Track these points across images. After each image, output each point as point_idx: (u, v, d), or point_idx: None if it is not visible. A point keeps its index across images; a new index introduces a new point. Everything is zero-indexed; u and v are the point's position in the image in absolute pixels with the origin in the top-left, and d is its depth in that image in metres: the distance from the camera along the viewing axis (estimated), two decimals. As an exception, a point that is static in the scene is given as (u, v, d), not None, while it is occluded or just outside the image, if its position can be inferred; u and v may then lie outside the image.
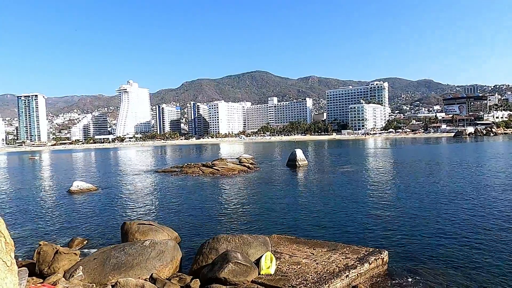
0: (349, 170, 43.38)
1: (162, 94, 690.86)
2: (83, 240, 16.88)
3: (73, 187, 34.24)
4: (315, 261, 11.96)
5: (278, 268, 11.45)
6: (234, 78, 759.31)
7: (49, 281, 10.40)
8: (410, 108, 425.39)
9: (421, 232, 16.41)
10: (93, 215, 23.50)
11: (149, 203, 27.38)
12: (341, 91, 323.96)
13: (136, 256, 11.87)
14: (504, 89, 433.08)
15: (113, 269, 11.37)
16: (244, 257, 11.34)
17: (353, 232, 16.98)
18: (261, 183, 35.42)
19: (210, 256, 12.20)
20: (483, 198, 23.41)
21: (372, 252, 12.44)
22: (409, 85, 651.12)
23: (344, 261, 11.80)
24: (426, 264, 12.69)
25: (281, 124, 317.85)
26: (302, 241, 14.36)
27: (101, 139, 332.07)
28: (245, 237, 12.96)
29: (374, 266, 11.86)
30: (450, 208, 20.80)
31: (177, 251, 12.90)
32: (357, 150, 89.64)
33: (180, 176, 43.93)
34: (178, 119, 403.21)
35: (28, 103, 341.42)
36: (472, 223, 17.52)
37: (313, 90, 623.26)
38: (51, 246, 12.03)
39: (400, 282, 11.33)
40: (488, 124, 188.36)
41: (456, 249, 14.02)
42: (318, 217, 20.09)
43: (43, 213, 24.96)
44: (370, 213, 20.57)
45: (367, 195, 26.37)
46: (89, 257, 12.21)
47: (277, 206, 23.86)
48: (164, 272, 11.86)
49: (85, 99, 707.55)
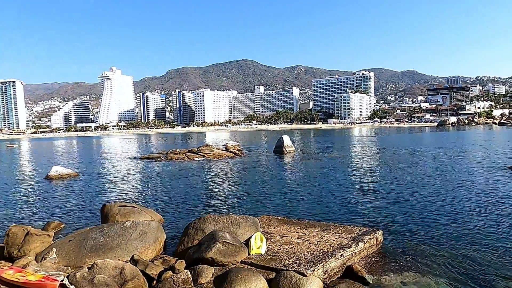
0: (337, 155, 43.16)
1: (146, 82, 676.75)
2: (59, 224, 15.80)
3: (52, 172, 32.59)
4: (307, 241, 11.37)
5: (269, 248, 10.80)
6: (220, 66, 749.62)
7: (18, 264, 9.45)
8: (394, 99, 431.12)
9: (413, 212, 16.09)
10: (72, 200, 22.31)
11: (132, 187, 26.32)
12: (327, 80, 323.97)
13: (116, 237, 11.00)
14: (485, 81, 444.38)
15: (90, 251, 10.48)
16: (232, 237, 10.64)
17: (344, 213, 16.51)
18: (248, 167, 34.74)
19: (196, 237, 11.46)
20: (473, 178, 23.40)
21: (366, 232, 11.94)
22: (394, 76, 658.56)
23: (338, 240, 11.25)
24: (420, 244, 12.29)
25: (267, 113, 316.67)
26: (293, 221, 13.77)
27: (83, 127, 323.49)
28: (234, 217, 12.25)
29: (368, 245, 11.36)
30: (440, 189, 20.64)
31: (160, 232, 12.09)
32: (343, 138, 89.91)
33: (164, 161, 42.77)
34: (163, 108, 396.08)
35: (5, 89, 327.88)
36: (464, 202, 17.35)
37: (299, 80, 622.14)
38: (21, 227, 11.01)
39: (395, 261, 10.86)
40: (470, 114, 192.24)
41: (449, 228, 13.73)
42: (308, 200, 19.57)
43: (17, 198, 23.54)
44: (360, 195, 20.19)
45: (356, 178, 26.04)
46: (64, 239, 11.27)
47: (265, 189, 23.24)
48: (147, 254, 11.05)
49: (66, 87, 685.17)
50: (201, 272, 9.03)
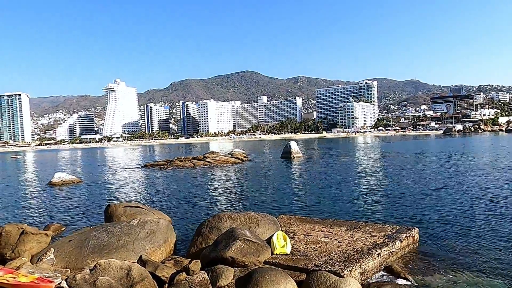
0: (346, 159, 41.87)
1: (150, 94, 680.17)
2: (60, 227, 14.63)
3: (55, 178, 31.51)
4: (336, 239, 10.11)
5: (294, 248, 9.55)
6: (223, 78, 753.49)
7: (10, 266, 8.25)
8: (397, 108, 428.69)
9: (441, 211, 14.76)
10: (75, 204, 21.15)
11: (137, 192, 25.16)
12: (330, 90, 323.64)
13: (122, 236, 9.80)
14: (488, 89, 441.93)
15: (93, 251, 9.28)
16: (253, 235, 9.41)
17: (365, 213, 15.20)
18: (257, 171, 33.52)
19: (211, 236, 10.23)
20: (502, 179, 22.00)
21: (401, 230, 10.66)
22: (396, 85, 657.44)
23: (371, 239, 9.98)
24: (457, 243, 10.96)
25: (271, 123, 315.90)
26: (316, 220, 12.51)
27: (87, 139, 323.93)
28: (252, 214, 11.02)
29: (405, 244, 10.08)
30: (468, 189, 19.29)
31: (170, 232, 10.88)
32: (349, 146, 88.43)
33: (170, 169, 41.62)
34: (167, 119, 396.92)
35: (11, 102, 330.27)
36: (493, 200, 15.99)
37: (302, 90, 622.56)
38: (16, 225, 9.84)
39: (436, 261, 9.56)
40: (476, 122, 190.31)
41: (486, 227, 12.40)
42: (324, 200, 18.30)
43: (17, 203, 22.45)
44: (379, 195, 18.86)
45: (370, 179, 24.71)
46: (64, 238, 10.07)
47: (278, 190, 22.00)
48: (156, 255, 9.83)
49: (71, 99, 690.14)
50: (221, 273, 7.79)
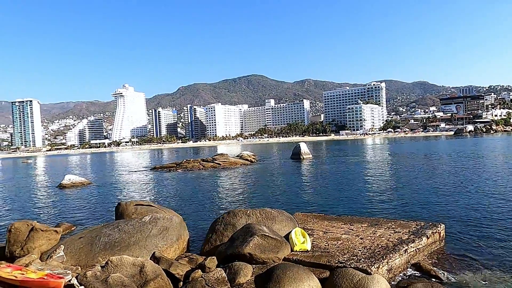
0: (357, 160, 41.12)
1: (158, 99, 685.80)
2: (70, 226, 14.36)
3: (65, 180, 31.49)
4: (357, 236, 9.58)
5: (314, 245, 9.05)
6: (230, 82, 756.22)
7: (20, 263, 7.92)
8: (406, 110, 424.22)
9: (465, 208, 14.10)
10: (85, 204, 20.94)
11: (147, 192, 24.90)
12: (338, 92, 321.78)
13: (134, 233, 9.42)
14: (499, 90, 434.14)
15: (104, 248, 8.92)
16: (271, 231, 8.95)
17: (386, 209, 14.61)
18: (267, 171, 33.05)
19: (226, 233, 9.80)
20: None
21: (427, 226, 10.08)
22: (405, 87, 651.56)
23: (395, 235, 9.42)
24: (484, 240, 10.34)
25: (278, 126, 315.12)
26: (334, 217, 11.98)
27: (97, 143, 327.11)
28: (268, 210, 10.55)
29: (432, 241, 9.50)
30: (490, 187, 18.55)
31: (184, 229, 10.47)
32: (358, 147, 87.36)
33: (179, 171, 41.37)
34: (174, 123, 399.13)
35: (22, 108, 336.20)
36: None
37: (309, 93, 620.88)
38: (25, 222, 9.54)
39: (465, 258, 8.97)
40: (487, 122, 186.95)
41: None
42: (341, 197, 17.73)
43: (27, 204, 22.34)
44: (397, 192, 18.21)
45: (383, 177, 24.03)
46: (74, 236, 9.74)
47: (291, 189, 21.48)
48: (169, 253, 9.42)
49: (81, 105, 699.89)
50: (239, 270, 7.34)
